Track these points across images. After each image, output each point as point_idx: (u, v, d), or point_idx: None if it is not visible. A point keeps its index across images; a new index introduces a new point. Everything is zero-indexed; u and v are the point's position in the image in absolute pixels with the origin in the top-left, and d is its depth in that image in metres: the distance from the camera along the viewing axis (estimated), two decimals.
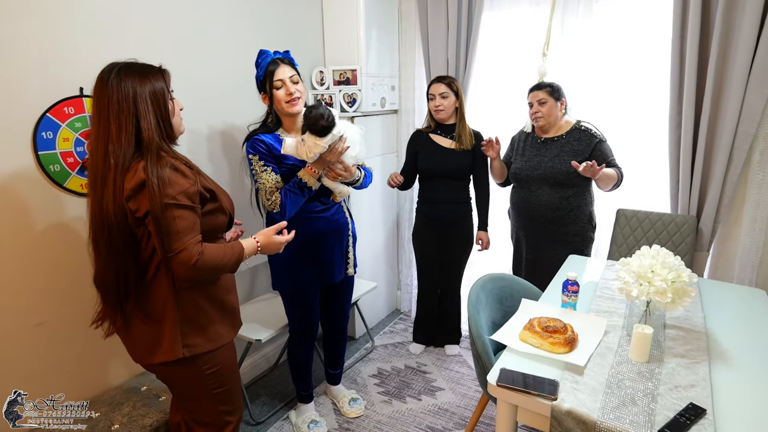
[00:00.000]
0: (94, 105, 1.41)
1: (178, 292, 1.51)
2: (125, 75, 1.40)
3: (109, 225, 1.40)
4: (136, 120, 1.39)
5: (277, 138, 2.12)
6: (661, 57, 2.55)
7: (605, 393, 1.41)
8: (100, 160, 1.38)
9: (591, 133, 2.52)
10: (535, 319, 1.72)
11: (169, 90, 1.49)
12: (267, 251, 1.71)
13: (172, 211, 1.37)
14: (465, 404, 2.72)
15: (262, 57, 2.12)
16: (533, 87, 2.61)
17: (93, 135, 1.41)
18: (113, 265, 1.44)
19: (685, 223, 2.46)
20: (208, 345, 1.58)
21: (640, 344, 1.56)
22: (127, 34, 2.10)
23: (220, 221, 1.59)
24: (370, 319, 3.51)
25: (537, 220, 2.63)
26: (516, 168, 2.71)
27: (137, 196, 1.37)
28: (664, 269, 1.56)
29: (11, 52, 1.75)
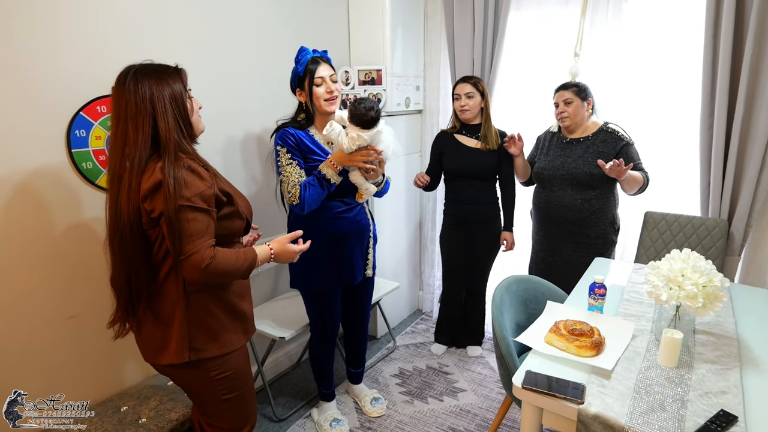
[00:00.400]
0: (112, 108, 1.43)
1: (189, 296, 1.50)
2: (142, 76, 1.40)
3: (122, 226, 1.40)
4: (154, 121, 1.39)
5: (308, 134, 2.14)
6: (693, 57, 2.51)
7: (633, 398, 1.39)
8: (117, 163, 1.39)
9: (618, 135, 2.48)
10: (561, 322, 1.71)
11: (186, 89, 1.49)
12: (280, 259, 1.69)
13: (186, 214, 1.37)
14: (487, 406, 2.70)
15: (302, 54, 2.11)
16: (559, 87, 2.58)
17: (112, 137, 1.43)
18: (126, 266, 1.45)
19: (716, 227, 2.41)
20: (216, 350, 1.57)
21: (669, 349, 1.53)
22: (157, 34, 2.14)
23: (236, 226, 1.59)
24: (391, 319, 3.51)
25: (558, 221, 2.61)
26: (539, 167, 2.68)
27: (153, 196, 1.38)
28: (695, 273, 1.53)
29: (47, 52, 1.79)
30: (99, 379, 2.11)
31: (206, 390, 1.62)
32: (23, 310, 1.85)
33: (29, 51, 1.74)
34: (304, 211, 2.07)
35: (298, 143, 2.10)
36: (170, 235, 1.37)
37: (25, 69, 1.74)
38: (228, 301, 1.60)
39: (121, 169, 1.38)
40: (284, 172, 2.08)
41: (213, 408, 1.67)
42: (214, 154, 2.48)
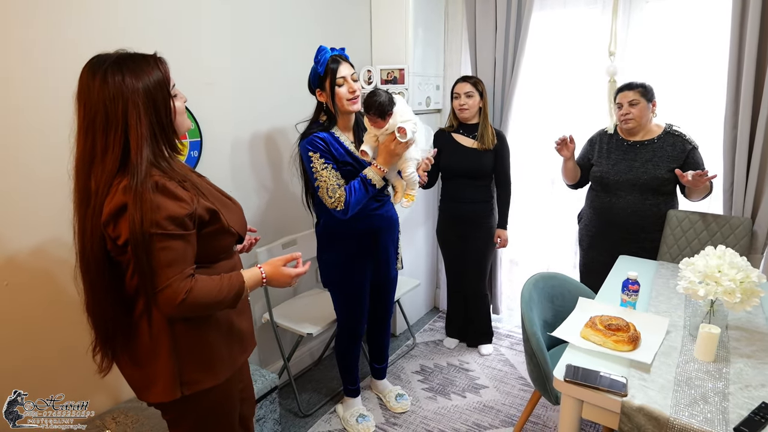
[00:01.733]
0: (78, 112, 1.21)
1: (174, 325, 1.32)
2: (114, 74, 1.18)
3: (87, 255, 1.24)
4: (125, 135, 1.19)
5: (333, 136, 2.12)
6: (717, 57, 2.53)
7: (675, 390, 1.42)
8: (84, 181, 1.21)
9: (685, 138, 2.45)
10: (597, 317, 1.73)
11: (169, 85, 1.28)
12: (273, 284, 1.47)
13: (155, 242, 1.18)
14: (510, 402, 2.73)
15: (321, 54, 2.06)
16: (623, 86, 2.49)
17: (77, 147, 1.22)
18: (96, 298, 1.28)
19: (740, 225, 2.43)
20: (212, 380, 1.39)
21: (706, 344, 1.55)
22: (161, 36, 2.10)
23: (223, 243, 1.41)
24: (410, 316, 3.54)
25: (624, 226, 2.55)
26: (601, 171, 2.59)
27: (117, 220, 1.18)
28: (732, 269, 1.56)
29: (53, 52, 1.77)
30: None
31: (192, 419, 1.44)
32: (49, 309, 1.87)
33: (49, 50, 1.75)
34: (347, 216, 2.07)
35: (328, 146, 2.08)
36: (138, 267, 1.19)
37: (44, 69, 1.74)
38: (223, 322, 1.42)
39: (88, 190, 1.21)
40: (320, 177, 2.05)
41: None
42: (240, 153, 2.51)
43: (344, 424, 2.55)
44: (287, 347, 2.74)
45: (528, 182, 3.37)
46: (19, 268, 1.77)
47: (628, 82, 2.51)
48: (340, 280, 2.34)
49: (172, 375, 1.31)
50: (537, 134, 3.25)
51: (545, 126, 3.19)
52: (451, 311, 3.37)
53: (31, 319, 1.84)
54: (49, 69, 1.74)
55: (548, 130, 3.16)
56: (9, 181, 1.71)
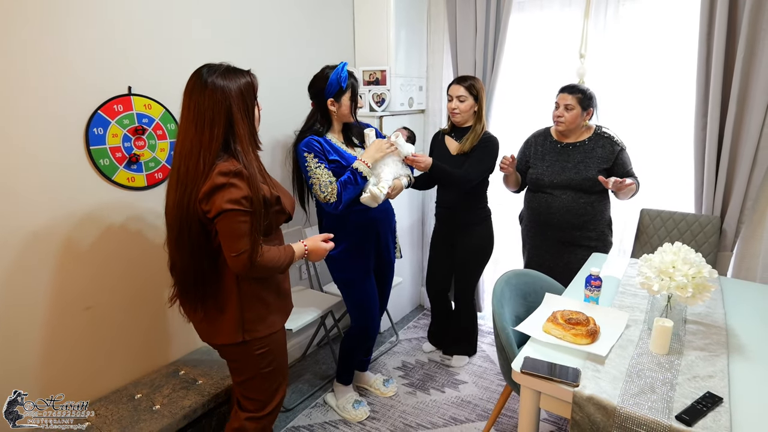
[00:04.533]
0: (189, 107, 1.51)
1: (241, 283, 1.65)
2: (221, 79, 1.51)
3: (190, 222, 1.54)
4: (228, 128, 1.52)
5: (327, 140, 2.29)
6: (687, 59, 2.59)
7: (625, 381, 1.47)
8: (193, 166, 1.50)
9: (613, 140, 2.52)
10: (559, 312, 1.79)
11: (256, 93, 1.63)
12: (312, 257, 1.83)
13: (236, 216, 1.50)
14: (488, 397, 2.79)
15: (342, 69, 2.26)
16: (564, 88, 2.55)
17: (186, 138, 1.52)
18: (189, 257, 1.59)
19: (709, 223, 2.49)
20: (265, 330, 1.73)
21: (660, 336, 1.61)
22: (169, 39, 2.22)
23: (280, 220, 1.74)
24: (394, 314, 3.60)
25: (560, 226, 2.61)
26: (537, 173, 2.66)
27: (210, 198, 1.50)
28: (685, 265, 1.62)
29: (68, 53, 1.88)
30: (112, 369, 2.19)
31: (251, 364, 1.76)
32: (40, 303, 1.93)
33: (49, 52, 1.83)
34: (339, 208, 2.22)
35: (323, 149, 2.25)
36: (222, 235, 1.52)
37: (44, 69, 1.82)
38: (274, 283, 1.76)
39: (196, 172, 1.50)
40: (314, 175, 2.21)
41: (252, 380, 1.79)
42: None
43: (340, 411, 2.62)
44: None
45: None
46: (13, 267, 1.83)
47: (571, 84, 2.56)
48: (348, 276, 2.45)
49: (237, 321, 1.67)
50: (516, 134, 3.28)
51: (524, 126, 3.22)
52: (433, 316, 3.32)
53: (31, 318, 1.90)
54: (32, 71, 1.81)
55: (526, 129, 3.20)
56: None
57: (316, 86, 2.29)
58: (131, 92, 2.09)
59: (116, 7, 2.00)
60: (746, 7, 2.30)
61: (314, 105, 2.33)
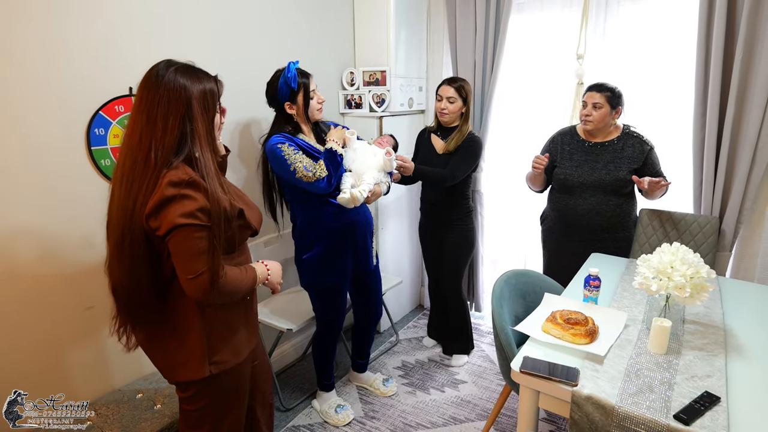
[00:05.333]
0: (142, 98, 1.33)
1: (205, 308, 1.45)
2: (181, 73, 1.36)
3: (133, 233, 1.32)
4: (185, 123, 1.34)
5: (297, 139, 2.24)
6: (685, 59, 2.60)
7: (624, 381, 1.48)
8: (141, 159, 1.30)
9: (642, 139, 2.50)
10: (558, 312, 1.80)
11: (219, 98, 1.46)
12: (270, 284, 1.65)
13: (191, 231, 1.30)
14: (487, 397, 2.80)
15: (291, 71, 2.19)
16: (593, 86, 2.50)
17: (135, 131, 1.32)
18: (131, 274, 1.36)
19: (708, 224, 2.50)
20: (234, 359, 1.53)
21: (658, 336, 1.62)
22: (169, 39, 2.23)
23: (244, 236, 1.56)
24: (394, 313, 3.60)
25: (589, 228, 2.57)
26: (564, 174, 2.60)
27: (159, 213, 1.30)
28: (683, 265, 1.63)
29: (68, 53, 1.88)
30: (113, 368, 2.20)
31: (206, 395, 1.53)
32: (41, 303, 1.94)
33: (50, 54, 1.84)
34: (332, 185, 2.19)
35: (294, 143, 2.21)
36: (176, 254, 1.32)
37: (46, 70, 1.83)
38: (241, 306, 1.58)
39: (145, 168, 1.30)
40: (294, 161, 2.14)
41: (202, 413, 1.56)
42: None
43: (323, 416, 2.62)
44: (269, 343, 2.80)
45: (507, 181, 3.43)
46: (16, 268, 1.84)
47: (599, 82, 2.52)
48: (322, 280, 2.40)
49: (201, 355, 1.45)
50: (516, 134, 3.31)
51: (524, 126, 3.25)
52: (431, 311, 3.40)
53: (31, 318, 1.91)
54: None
55: (526, 130, 3.23)
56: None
57: (269, 92, 2.26)
58: (132, 93, 2.09)
59: (116, 7, 2.01)
60: (745, 7, 2.30)
61: (276, 112, 2.30)
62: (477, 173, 3.27)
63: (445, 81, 2.80)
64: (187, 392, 1.53)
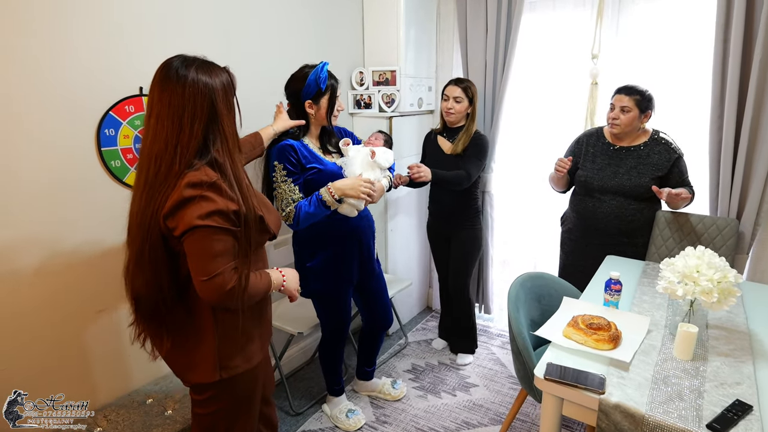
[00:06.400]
0: (162, 100, 1.29)
1: (218, 313, 1.44)
2: (203, 72, 1.32)
3: (150, 236, 1.31)
4: (209, 126, 1.32)
5: (304, 144, 2.16)
6: (702, 58, 2.56)
7: (652, 388, 1.44)
8: (165, 168, 1.28)
9: (671, 147, 2.44)
10: (579, 317, 1.76)
11: (235, 90, 1.43)
12: (286, 291, 1.62)
13: (208, 233, 1.29)
14: (500, 401, 2.76)
15: (323, 70, 2.11)
16: (622, 88, 2.44)
17: (158, 136, 1.29)
18: (153, 278, 1.35)
19: (727, 226, 2.46)
20: (245, 365, 1.52)
21: (685, 342, 1.58)
22: (180, 39, 2.19)
23: (263, 239, 1.54)
24: (402, 315, 3.57)
25: (608, 231, 2.53)
26: (586, 176, 2.57)
27: (176, 213, 1.28)
28: (710, 269, 1.59)
29: (77, 53, 1.85)
30: (122, 372, 2.16)
31: (218, 400, 1.54)
32: (53, 307, 1.91)
33: (56, 54, 1.80)
34: (298, 228, 2.12)
35: (299, 159, 2.10)
36: (191, 255, 1.31)
37: (52, 71, 1.79)
38: (255, 311, 1.55)
39: (168, 175, 1.28)
40: (278, 188, 2.08)
41: (214, 418, 1.57)
42: None
43: (334, 422, 2.58)
44: (279, 346, 2.76)
45: (518, 182, 3.40)
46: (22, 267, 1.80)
47: (629, 85, 2.44)
48: (327, 288, 2.34)
49: (213, 359, 1.44)
50: (528, 135, 3.28)
51: (536, 127, 3.22)
52: (442, 312, 3.39)
53: (29, 318, 1.87)
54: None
55: (539, 131, 3.19)
56: None
57: (292, 86, 2.14)
58: (142, 93, 2.06)
59: (124, 7, 1.97)
60: (765, 5, 2.26)
61: (290, 106, 2.21)
62: (487, 174, 3.23)
63: (451, 81, 2.81)
64: (201, 395, 1.54)
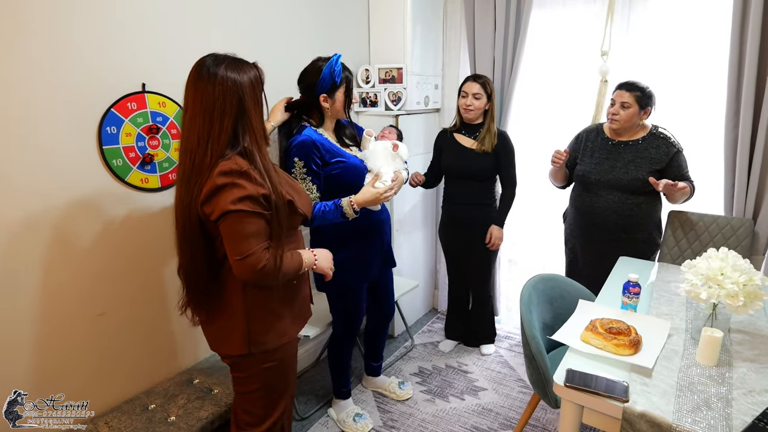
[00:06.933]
0: (196, 98, 1.41)
1: (248, 290, 1.55)
2: (232, 70, 1.42)
3: (190, 221, 1.46)
4: (239, 120, 1.43)
5: (321, 136, 2.11)
6: (717, 55, 2.50)
7: (677, 396, 1.39)
8: (199, 159, 1.41)
9: (670, 141, 2.41)
10: (597, 320, 1.70)
11: (263, 85, 1.53)
12: (318, 269, 1.71)
13: (241, 216, 1.40)
14: (509, 405, 2.70)
15: (336, 62, 2.08)
16: (622, 84, 2.43)
17: (193, 131, 1.41)
18: (192, 259, 1.50)
19: (742, 226, 2.40)
20: (274, 340, 1.62)
21: (709, 347, 1.53)
22: (184, 34, 2.13)
23: (296, 222, 1.65)
24: (408, 317, 3.51)
25: (605, 227, 2.51)
26: (584, 170, 2.56)
27: (211, 200, 1.40)
28: (735, 272, 1.53)
29: (79, 50, 1.79)
30: (124, 377, 2.10)
31: (256, 377, 1.65)
32: (53, 310, 1.85)
33: (62, 50, 1.74)
34: (307, 226, 2.09)
35: (322, 156, 2.07)
36: (227, 237, 1.42)
37: (53, 69, 1.73)
38: (289, 290, 1.65)
39: (202, 164, 1.40)
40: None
41: (253, 392, 1.69)
42: None
43: (341, 426, 2.52)
44: None
45: (526, 180, 3.33)
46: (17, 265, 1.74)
47: (630, 81, 2.43)
48: (345, 282, 2.29)
49: (243, 333, 1.56)
50: (536, 132, 3.21)
51: (544, 125, 3.16)
52: (451, 314, 3.33)
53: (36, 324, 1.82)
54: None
55: (547, 128, 3.13)
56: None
57: (306, 80, 2.11)
58: (145, 89, 2.00)
59: (126, 4, 1.90)
60: None
61: (302, 99, 2.18)
62: None
63: (469, 78, 2.78)
64: (242, 373, 1.66)
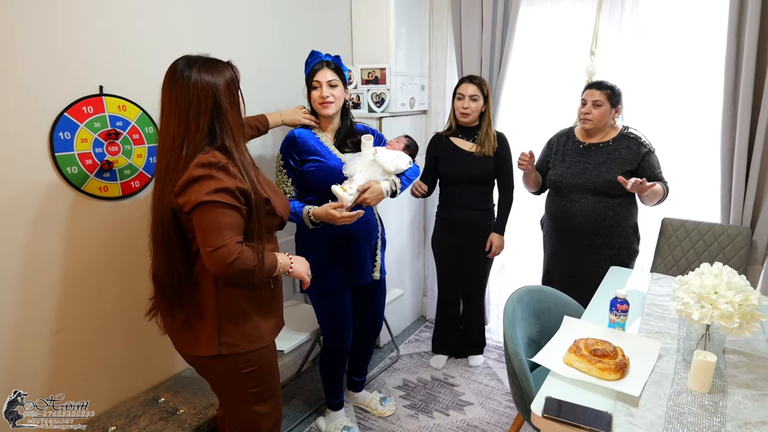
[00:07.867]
0: (171, 100, 1.41)
1: (220, 290, 1.53)
2: (203, 70, 1.42)
3: (164, 218, 1.44)
4: (215, 119, 1.43)
5: (313, 134, 2.17)
6: (714, 55, 2.39)
7: (665, 429, 1.27)
8: (174, 159, 1.41)
9: (640, 141, 2.34)
10: (582, 341, 1.58)
11: (239, 84, 1.52)
12: (294, 274, 1.68)
13: (215, 207, 1.39)
14: (496, 420, 2.58)
15: (311, 57, 2.16)
16: (592, 84, 2.40)
17: (168, 133, 1.42)
18: (166, 256, 1.48)
19: (739, 235, 2.28)
20: (247, 345, 1.59)
21: (701, 373, 1.40)
22: (148, 33, 2.01)
23: (272, 224, 1.64)
24: (395, 326, 3.39)
25: (579, 232, 2.44)
26: (556, 175, 2.50)
27: (186, 190, 1.39)
28: (730, 290, 1.41)
29: (28, 50, 1.67)
30: (83, 397, 1.96)
31: (233, 383, 1.63)
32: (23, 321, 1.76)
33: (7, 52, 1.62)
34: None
35: (299, 152, 2.12)
36: (199, 228, 1.41)
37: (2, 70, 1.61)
38: (260, 297, 1.61)
39: (177, 165, 1.40)
40: (276, 176, 2.17)
41: (236, 401, 1.67)
42: None
43: None
44: None
45: (517, 183, 3.21)
46: None
47: (598, 80, 2.40)
48: (317, 283, 2.20)
49: (214, 332, 1.53)
50: (525, 133, 3.09)
51: (533, 125, 3.04)
52: (441, 324, 3.18)
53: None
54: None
55: (536, 129, 3.01)
56: None
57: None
58: (103, 92, 1.88)
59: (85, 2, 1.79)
60: None
61: None
62: None
63: (464, 79, 2.66)
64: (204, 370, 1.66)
